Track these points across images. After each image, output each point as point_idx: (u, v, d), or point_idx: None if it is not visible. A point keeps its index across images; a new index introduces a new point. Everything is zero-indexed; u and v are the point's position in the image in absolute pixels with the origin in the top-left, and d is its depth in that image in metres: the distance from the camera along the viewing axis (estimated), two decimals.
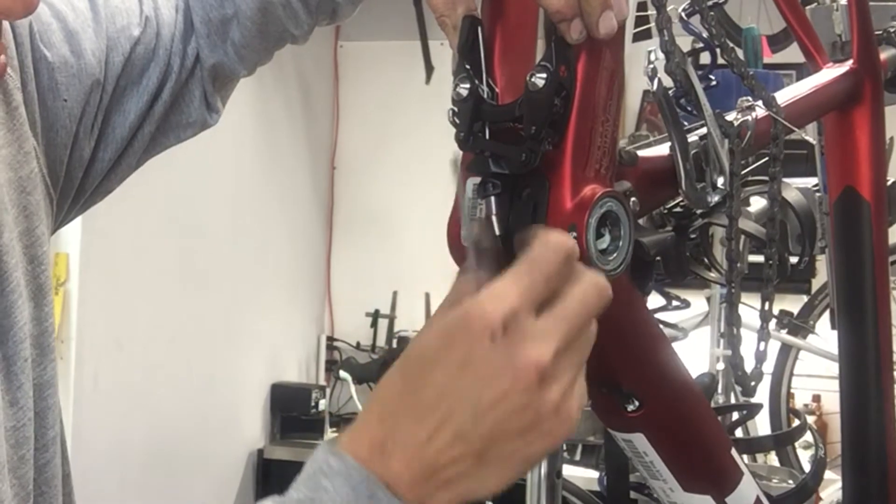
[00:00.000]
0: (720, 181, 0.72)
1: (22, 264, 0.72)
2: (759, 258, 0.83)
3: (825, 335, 2.62)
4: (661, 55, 0.69)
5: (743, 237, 0.93)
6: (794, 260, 1.02)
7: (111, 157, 0.84)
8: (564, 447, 1.47)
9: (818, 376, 2.93)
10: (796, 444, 2.66)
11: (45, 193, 0.77)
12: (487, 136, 0.59)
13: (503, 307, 0.52)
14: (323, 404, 3.32)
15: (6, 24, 0.70)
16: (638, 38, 1.56)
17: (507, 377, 0.52)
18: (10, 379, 0.69)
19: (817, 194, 1.21)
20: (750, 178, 0.92)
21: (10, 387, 0.69)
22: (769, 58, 2.18)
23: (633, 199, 0.63)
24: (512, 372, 0.52)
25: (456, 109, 0.59)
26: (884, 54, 1.07)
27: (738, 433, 1.82)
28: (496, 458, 0.54)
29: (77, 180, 0.82)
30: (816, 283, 2.85)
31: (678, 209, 0.75)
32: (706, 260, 0.89)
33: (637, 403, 0.69)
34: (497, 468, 0.54)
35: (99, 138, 0.82)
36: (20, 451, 0.69)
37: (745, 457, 0.84)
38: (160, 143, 0.88)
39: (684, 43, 0.72)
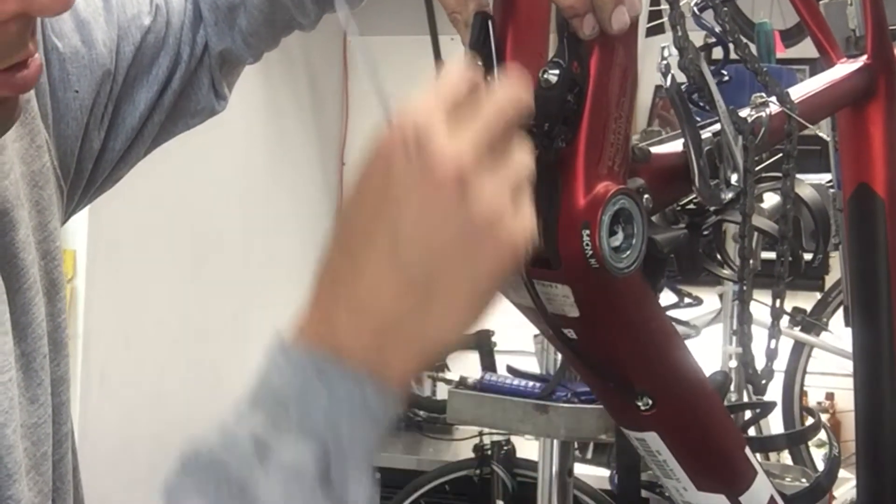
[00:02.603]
0: (734, 178, 0.71)
1: (36, 260, 0.71)
2: (772, 255, 0.82)
3: (839, 332, 2.61)
4: (675, 51, 0.69)
5: (756, 234, 0.93)
6: (807, 257, 1.01)
7: (121, 148, 0.83)
8: (576, 446, 1.47)
9: (832, 374, 2.92)
10: (810, 443, 2.65)
11: (56, 187, 0.76)
12: None
13: (412, 120, 0.49)
14: None
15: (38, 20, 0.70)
16: (650, 33, 1.55)
17: (425, 188, 0.48)
18: (30, 376, 0.69)
19: (831, 191, 1.21)
20: (763, 175, 0.91)
21: (30, 384, 0.69)
22: (782, 53, 2.17)
23: (646, 196, 0.62)
24: (429, 181, 0.48)
25: None
26: None
27: (751, 432, 1.82)
28: (442, 293, 0.49)
29: (87, 171, 0.81)
30: (830, 280, 2.84)
31: (691, 206, 0.75)
32: (719, 256, 0.88)
33: (650, 402, 0.68)
34: (447, 304, 0.49)
35: (109, 129, 0.82)
36: (42, 448, 0.69)
37: (757, 455, 0.83)
38: (169, 131, 0.88)
39: (696, 38, 0.72)
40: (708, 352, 2.34)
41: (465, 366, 2.40)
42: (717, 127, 0.71)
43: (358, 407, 0.48)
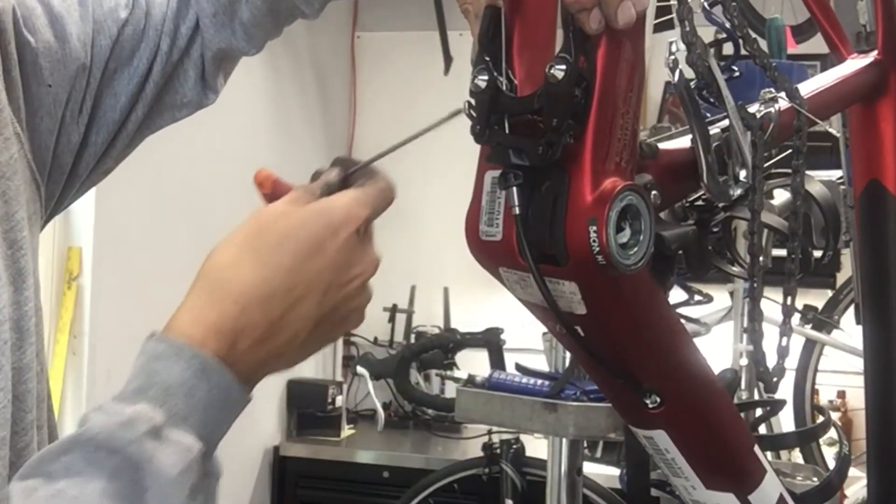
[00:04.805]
0: (742, 174, 0.71)
1: (1, 249, 0.72)
2: (783, 252, 0.82)
3: (850, 330, 2.60)
4: (683, 46, 0.68)
5: (766, 231, 0.92)
6: (818, 254, 1.01)
7: (104, 141, 0.84)
8: (585, 444, 1.46)
9: (843, 372, 2.90)
10: (821, 441, 2.63)
11: (29, 179, 0.77)
12: (506, 129, 0.58)
13: (367, 214, 0.64)
14: (340, 401, 3.31)
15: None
16: (659, 28, 1.54)
17: (361, 265, 0.63)
18: None
19: (842, 187, 1.20)
20: (773, 171, 0.91)
21: None
22: (793, 48, 2.16)
23: (653, 192, 0.62)
24: (366, 262, 0.64)
25: (472, 102, 0.58)
26: None
27: (762, 430, 1.81)
28: (317, 340, 0.63)
29: (67, 165, 0.82)
30: (841, 278, 2.82)
31: (700, 202, 0.74)
32: (728, 254, 0.88)
33: (658, 400, 0.68)
34: (313, 348, 0.64)
35: (90, 122, 0.83)
36: (1, 433, 0.69)
37: (768, 454, 0.83)
38: (154, 124, 0.88)
39: (707, 33, 0.71)
40: (718, 349, 2.34)
41: (474, 364, 2.40)
42: (726, 123, 0.71)
43: (229, 403, 0.60)
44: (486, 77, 0.58)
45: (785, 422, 2.62)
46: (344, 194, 0.65)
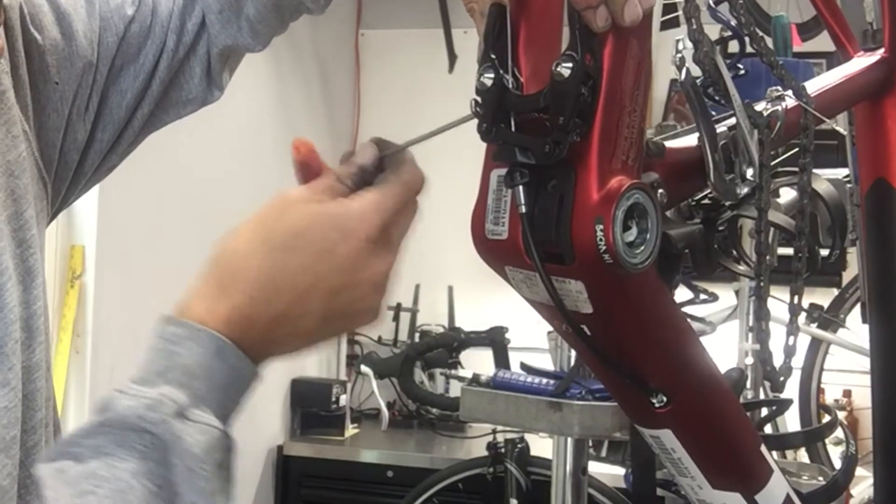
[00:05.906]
0: (749, 172, 0.70)
1: (10, 248, 0.72)
2: (789, 251, 0.81)
3: (856, 329, 2.59)
4: (689, 44, 0.68)
5: (772, 229, 0.92)
6: (824, 252, 1.00)
7: (110, 138, 0.84)
8: (590, 444, 1.46)
9: (849, 371, 2.90)
10: (827, 441, 2.63)
11: (37, 177, 0.77)
12: (512, 128, 0.58)
13: (383, 219, 0.63)
14: (344, 400, 3.31)
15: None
16: (666, 26, 1.54)
17: (371, 269, 0.62)
18: (1, 360, 0.70)
19: (848, 185, 1.19)
20: (779, 170, 0.90)
21: (1, 367, 0.69)
22: (799, 46, 2.15)
23: (660, 190, 0.61)
24: (378, 265, 0.63)
25: (479, 100, 0.58)
26: None
27: (768, 429, 1.80)
28: (324, 333, 0.64)
29: (74, 162, 0.82)
30: (847, 276, 2.81)
31: (706, 201, 0.74)
32: (735, 252, 0.88)
33: (664, 399, 0.68)
34: (319, 340, 0.64)
35: (97, 119, 0.83)
36: (12, 432, 0.70)
37: (774, 453, 0.82)
38: (160, 120, 0.89)
39: (712, 31, 0.71)
40: (724, 349, 2.33)
41: (479, 363, 2.39)
42: (733, 121, 0.71)
43: (243, 382, 0.62)
44: (491, 75, 0.58)
45: (791, 421, 2.62)
46: (363, 197, 0.63)
